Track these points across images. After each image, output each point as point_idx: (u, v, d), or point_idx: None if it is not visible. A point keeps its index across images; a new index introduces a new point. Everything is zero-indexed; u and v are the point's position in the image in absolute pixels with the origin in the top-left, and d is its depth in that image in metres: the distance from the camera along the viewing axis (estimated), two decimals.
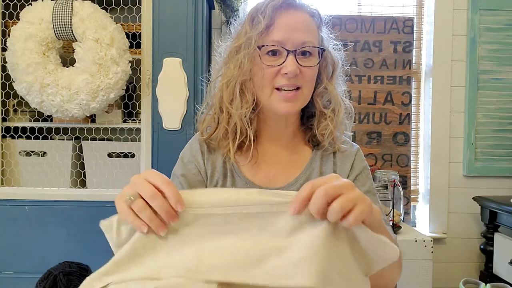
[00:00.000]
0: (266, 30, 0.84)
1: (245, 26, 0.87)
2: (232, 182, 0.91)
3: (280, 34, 0.83)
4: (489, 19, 2.30)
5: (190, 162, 0.92)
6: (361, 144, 2.25)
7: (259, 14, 0.84)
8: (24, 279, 1.68)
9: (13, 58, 1.60)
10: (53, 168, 1.79)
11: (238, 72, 0.86)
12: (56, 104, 1.61)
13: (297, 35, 0.83)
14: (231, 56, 0.89)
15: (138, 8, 1.76)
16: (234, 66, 0.87)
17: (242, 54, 0.85)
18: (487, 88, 2.32)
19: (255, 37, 0.84)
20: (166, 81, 1.71)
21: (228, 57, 0.90)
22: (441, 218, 2.34)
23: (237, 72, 0.86)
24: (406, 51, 2.27)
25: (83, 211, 1.73)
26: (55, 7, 1.60)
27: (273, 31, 0.83)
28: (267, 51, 0.84)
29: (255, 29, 0.84)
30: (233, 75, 0.86)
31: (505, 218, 2.03)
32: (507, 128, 2.33)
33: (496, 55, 2.31)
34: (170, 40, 1.71)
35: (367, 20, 2.26)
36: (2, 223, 1.73)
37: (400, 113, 2.27)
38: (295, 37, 0.83)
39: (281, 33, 0.83)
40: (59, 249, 1.71)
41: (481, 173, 2.33)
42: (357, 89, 2.25)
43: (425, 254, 1.68)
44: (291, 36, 0.83)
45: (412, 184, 2.36)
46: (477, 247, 2.32)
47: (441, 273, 2.33)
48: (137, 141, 1.82)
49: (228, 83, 0.87)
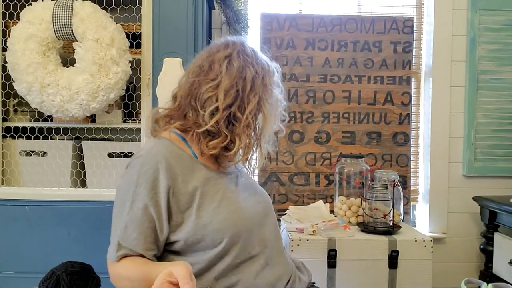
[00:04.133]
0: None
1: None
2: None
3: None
4: (489, 19, 2.30)
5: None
6: (361, 144, 2.26)
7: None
8: (24, 279, 1.68)
9: (13, 58, 1.60)
10: (53, 168, 1.80)
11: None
12: (56, 104, 1.61)
13: None
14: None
15: (138, 8, 1.76)
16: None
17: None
18: (486, 88, 2.32)
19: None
20: (166, 81, 1.70)
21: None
22: (441, 218, 2.35)
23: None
24: (406, 51, 2.27)
25: (83, 211, 1.73)
26: (55, 7, 1.60)
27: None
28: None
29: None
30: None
31: (504, 218, 2.03)
32: (507, 128, 2.33)
33: (496, 55, 2.31)
34: (170, 40, 1.71)
35: (367, 20, 2.26)
36: (2, 223, 1.73)
37: (400, 113, 2.27)
38: None
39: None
40: (59, 249, 1.72)
41: (480, 173, 2.33)
42: (357, 89, 2.25)
43: (425, 254, 1.68)
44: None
45: (412, 184, 2.36)
46: (477, 247, 2.32)
47: (441, 273, 2.33)
48: (137, 141, 1.82)
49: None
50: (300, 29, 2.23)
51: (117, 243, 0.88)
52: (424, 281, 1.67)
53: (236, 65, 0.97)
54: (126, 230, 0.88)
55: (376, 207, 1.79)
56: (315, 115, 2.24)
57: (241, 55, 0.99)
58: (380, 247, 1.67)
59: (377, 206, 1.79)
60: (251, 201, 1.03)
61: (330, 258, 1.66)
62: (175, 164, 0.92)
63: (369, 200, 1.79)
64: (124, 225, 0.88)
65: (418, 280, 1.67)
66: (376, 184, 1.80)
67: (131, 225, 0.88)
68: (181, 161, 0.93)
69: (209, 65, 0.98)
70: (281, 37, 2.23)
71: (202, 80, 0.96)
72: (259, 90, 0.98)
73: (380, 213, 1.78)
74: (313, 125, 2.24)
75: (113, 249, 0.88)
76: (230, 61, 0.97)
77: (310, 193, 2.23)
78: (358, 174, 1.93)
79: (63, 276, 0.67)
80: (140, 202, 0.88)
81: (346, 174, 1.95)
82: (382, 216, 1.77)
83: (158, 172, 0.89)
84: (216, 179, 0.97)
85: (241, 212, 0.96)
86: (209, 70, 0.97)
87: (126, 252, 0.88)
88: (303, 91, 2.24)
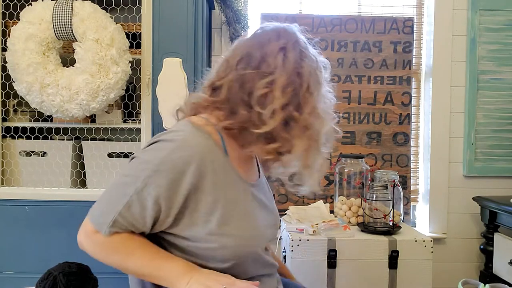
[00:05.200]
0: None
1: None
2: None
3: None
4: (489, 19, 2.30)
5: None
6: (361, 144, 2.26)
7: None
8: (24, 279, 1.67)
9: (13, 58, 1.60)
10: (53, 168, 1.79)
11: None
12: (56, 104, 1.61)
13: None
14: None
15: (138, 8, 1.76)
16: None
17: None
18: (487, 88, 2.32)
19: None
20: (166, 81, 1.70)
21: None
22: (441, 218, 2.34)
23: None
24: (406, 51, 2.27)
25: (83, 211, 1.71)
26: (55, 7, 1.60)
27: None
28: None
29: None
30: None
31: (505, 218, 2.03)
32: (507, 128, 2.33)
33: (496, 55, 2.31)
34: (170, 40, 1.71)
35: (367, 20, 2.26)
36: (2, 223, 1.73)
37: (400, 113, 2.27)
38: None
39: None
40: (59, 249, 1.72)
41: (481, 173, 2.33)
42: (357, 89, 2.25)
43: (425, 254, 1.68)
44: None
45: (412, 184, 2.36)
46: (477, 247, 2.32)
47: (441, 273, 2.33)
48: (137, 141, 1.82)
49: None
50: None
51: (114, 218, 0.80)
52: (424, 281, 1.67)
53: (292, 59, 0.87)
54: (129, 210, 0.80)
55: (376, 207, 1.79)
56: None
57: (297, 47, 0.89)
58: (380, 247, 1.67)
59: (377, 206, 1.79)
60: (268, 221, 0.97)
61: (330, 258, 1.66)
62: (209, 163, 0.83)
63: (369, 200, 1.79)
64: (127, 203, 0.80)
65: (418, 280, 1.67)
66: (376, 184, 1.80)
67: (135, 207, 0.80)
68: (215, 161, 0.85)
69: (261, 56, 0.87)
70: None
71: (255, 74, 0.86)
72: (315, 87, 0.89)
73: (380, 213, 1.78)
74: None
75: (106, 221, 0.81)
76: (286, 54, 0.87)
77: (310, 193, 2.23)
78: (358, 174, 1.93)
79: (60, 276, 0.67)
80: (154, 190, 0.79)
81: (346, 174, 1.95)
82: (382, 216, 1.77)
83: (189, 166, 0.80)
84: (244, 190, 0.91)
85: (259, 234, 0.92)
86: (261, 62, 0.87)
87: (120, 230, 0.82)
88: None
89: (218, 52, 2.26)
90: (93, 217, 0.85)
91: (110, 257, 0.84)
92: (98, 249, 0.84)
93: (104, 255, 0.84)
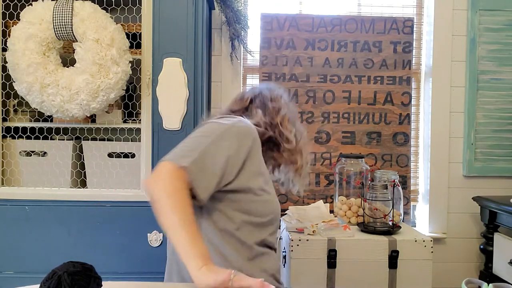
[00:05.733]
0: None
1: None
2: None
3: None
4: (489, 19, 2.30)
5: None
6: (361, 144, 2.26)
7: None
8: (24, 279, 1.67)
9: (13, 58, 1.60)
10: (53, 168, 1.80)
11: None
12: (57, 104, 1.61)
13: None
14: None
15: (138, 8, 1.76)
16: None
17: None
18: (486, 88, 2.32)
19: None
20: (166, 81, 1.71)
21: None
22: (441, 218, 2.35)
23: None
24: (406, 52, 2.27)
25: (83, 211, 1.73)
26: (55, 8, 1.60)
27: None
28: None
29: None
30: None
31: (504, 218, 2.03)
32: (507, 128, 2.33)
33: (496, 55, 2.31)
34: (170, 40, 1.71)
35: (367, 20, 2.26)
36: (2, 223, 1.73)
37: (400, 113, 2.27)
38: None
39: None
40: (60, 249, 1.72)
41: (480, 173, 2.33)
42: (357, 89, 2.26)
43: (425, 254, 1.68)
44: None
45: (412, 184, 2.36)
46: (476, 247, 2.32)
47: (441, 273, 2.33)
48: (137, 141, 1.82)
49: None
50: (300, 29, 2.24)
51: (191, 159, 0.92)
52: (424, 281, 1.67)
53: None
54: (204, 155, 0.94)
55: (376, 207, 1.79)
56: (315, 115, 2.25)
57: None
58: (380, 247, 1.67)
59: (377, 206, 1.79)
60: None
61: (330, 258, 1.66)
62: (257, 137, 1.07)
63: (369, 200, 1.79)
64: (204, 150, 0.95)
65: (418, 280, 1.67)
66: (376, 184, 1.80)
67: (209, 154, 0.95)
68: (258, 139, 1.08)
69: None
70: (281, 37, 2.23)
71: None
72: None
73: (380, 213, 1.78)
74: (313, 125, 2.25)
75: (182, 158, 0.92)
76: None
77: (310, 193, 2.23)
78: (358, 174, 1.94)
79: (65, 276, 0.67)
80: (226, 142, 0.98)
81: (346, 174, 1.95)
82: (382, 216, 1.77)
83: (249, 132, 1.04)
84: (266, 168, 1.13)
85: (278, 202, 1.17)
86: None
87: (189, 169, 0.91)
88: (303, 91, 2.24)
89: (218, 52, 2.26)
90: (167, 157, 0.95)
91: (164, 199, 0.88)
92: (163, 175, 0.89)
93: (164, 185, 0.88)
